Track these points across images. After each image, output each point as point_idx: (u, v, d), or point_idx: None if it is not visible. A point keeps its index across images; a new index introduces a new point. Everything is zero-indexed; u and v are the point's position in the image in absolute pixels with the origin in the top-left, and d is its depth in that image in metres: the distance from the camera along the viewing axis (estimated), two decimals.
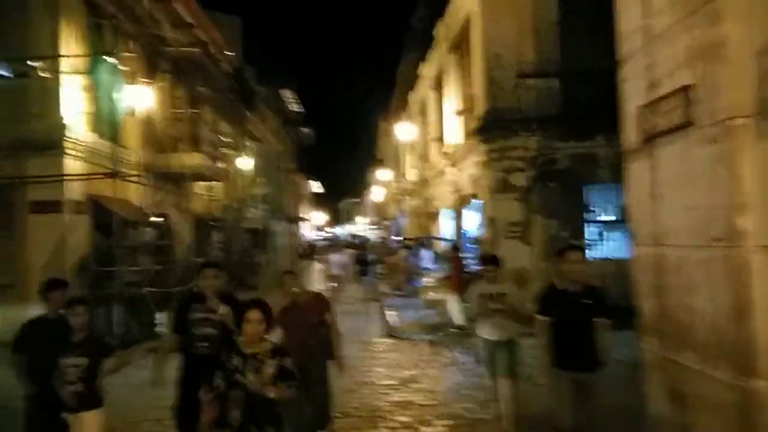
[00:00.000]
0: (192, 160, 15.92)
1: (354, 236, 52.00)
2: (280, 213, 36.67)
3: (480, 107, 13.10)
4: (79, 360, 4.32)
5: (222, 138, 22.27)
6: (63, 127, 11.33)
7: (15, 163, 11.18)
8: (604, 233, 13.23)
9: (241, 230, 24.76)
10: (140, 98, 12.05)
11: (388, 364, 8.95)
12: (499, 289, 5.79)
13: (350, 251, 26.18)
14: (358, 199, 79.12)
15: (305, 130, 46.86)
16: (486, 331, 5.87)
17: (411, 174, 28.88)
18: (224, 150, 22.88)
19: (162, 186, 16.01)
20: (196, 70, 18.33)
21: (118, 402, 5.89)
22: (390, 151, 40.45)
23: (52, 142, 11.28)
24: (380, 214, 52.94)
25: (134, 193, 14.57)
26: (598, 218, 13.27)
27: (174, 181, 16.53)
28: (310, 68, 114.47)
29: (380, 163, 44.99)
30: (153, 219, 14.98)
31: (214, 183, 20.97)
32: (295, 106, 40.26)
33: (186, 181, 16.37)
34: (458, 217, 16.72)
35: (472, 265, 14.67)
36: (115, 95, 11.24)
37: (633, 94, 4.73)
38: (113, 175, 11.05)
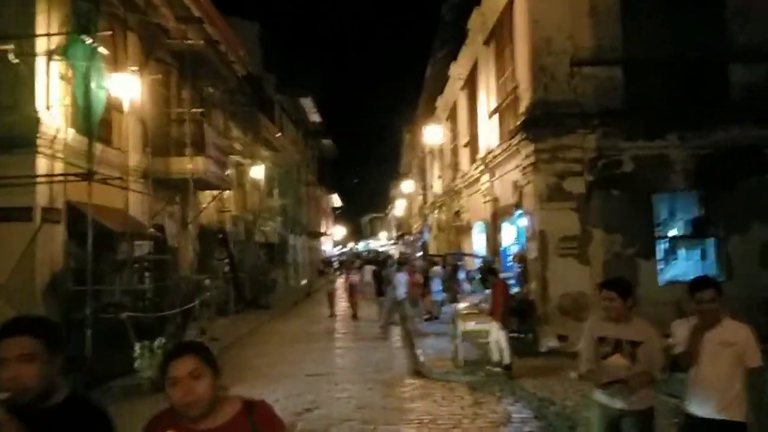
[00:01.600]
0: (195, 165, 14.13)
1: (372, 251, 49.93)
2: (298, 227, 34.88)
3: (526, 100, 11.08)
4: None
5: (234, 145, 20.55)
6: (36, 121, 9.61)
7: None
8: (678, 250, 11.07)
9: (254, 244, 22.94)
10: (127, 89, 10.28)
11: (417, 419, 6.87)
12: (633, 336, 3.69)
13: (369, 267, 24.16)
14: (381, 214, 77.35)
15: (327, 142, 45.28)
16: (601, 394, 3.75)
17: (438, 185, 26.88)
18: (236, 157, 21.15)
19: (162, 194, 14.26)
20: (203, 68, 16.67)
21: None
22: (415, 163, 38.56)
23: (23, 139, 9.56)
24: (403, 229, 50.92)
25: (130, 202, 12.84)
26: (670, 233, 11.12)
27: (175, 188, 14.76)
28: (332, 79, 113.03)
29: (404, 176, 43.21)
30: (149, 231, 13.21)
31: (224, 193, 19.25)
32: (315, 116, 38.65)
33: (189, 188, 14.59)
34: (495, 231, 14.62)
35: (515, 287, 12.57)
36: (99, 86, 9.49)
37: None
38: (88, 176, 9.25)
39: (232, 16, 24.93)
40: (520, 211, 12.31)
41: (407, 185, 36.30)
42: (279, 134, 28.17)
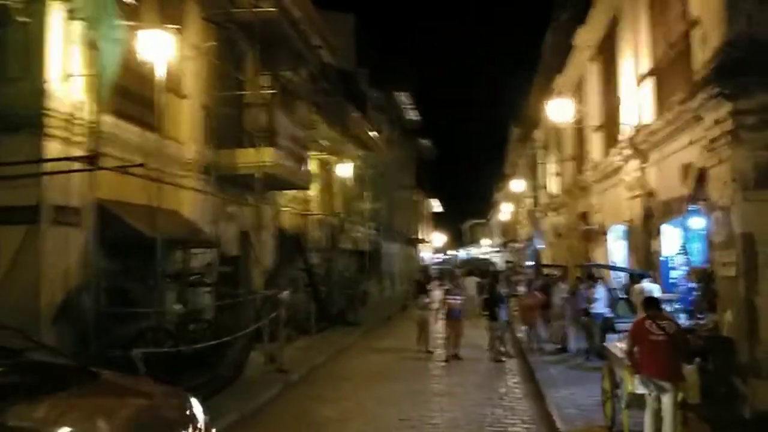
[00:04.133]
0: (262, 157, 11.65)
1: (473, 259, 45.69)
2: (393, 233, 32.13)
3: (714, 40, 7.42)
4: None
5: (319, 141, 18.10)
6: (40, 93, 7.41)
7: None
8: None
9: (341, 252, 20.39)
10: (159, 49, 7.85)
11: None
12: None
13: (472, 279, 20.70)
14: (482, 220, 73.27)
15: (425, 142, 42.35)
16: None
17: (554, 184, 23.03)
18: (321, 155, 18.72)
19: (227, 193, 11.96)
20: (281, 50, 14.30)
21: None
22: (524, 162, 34.63)
23: (23, 117, 7.40)
24: (509, 236, 46.76)
25: (184, 202, 10.61)
26: None
27: (243, 186, 12.40)
28: (430, 74, 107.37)
29: (509, 178, 39.35)
30: (204, 237, 10.89)
31: (306, 193, 16.84)
32: (412, 114, 35.85)
33: (258, 186, 12.14)
34: (648, 236, 10.87)
35: (682, 316, 8.83)
36: (108, 38, 7.15)
37: None
38: (91, 160, 6.83)
39: (326, 9, 22.81)
40: (695, 207, 8.62)
41: (516, 184, 32.47)
42: (373, 132, 25.55)
